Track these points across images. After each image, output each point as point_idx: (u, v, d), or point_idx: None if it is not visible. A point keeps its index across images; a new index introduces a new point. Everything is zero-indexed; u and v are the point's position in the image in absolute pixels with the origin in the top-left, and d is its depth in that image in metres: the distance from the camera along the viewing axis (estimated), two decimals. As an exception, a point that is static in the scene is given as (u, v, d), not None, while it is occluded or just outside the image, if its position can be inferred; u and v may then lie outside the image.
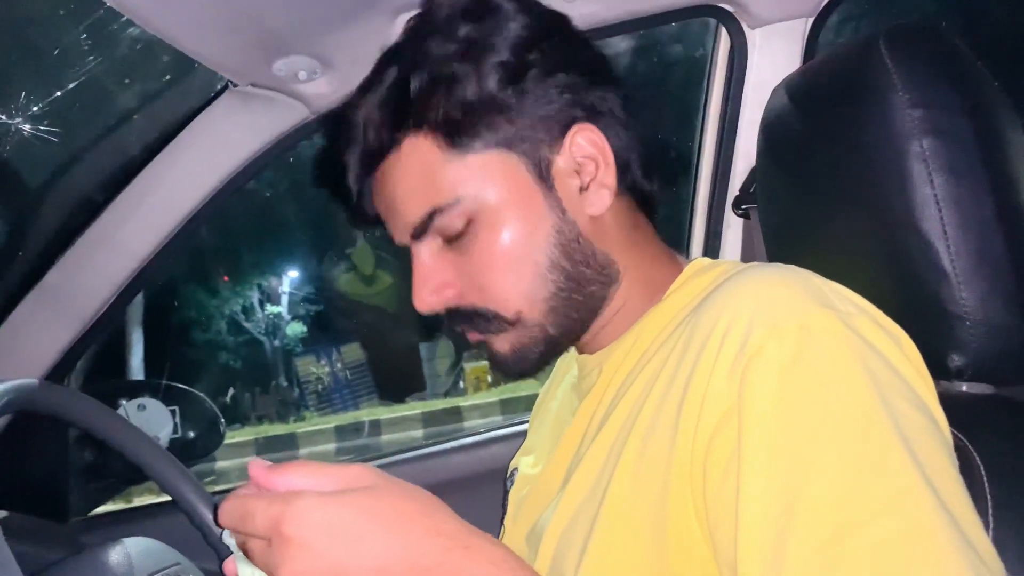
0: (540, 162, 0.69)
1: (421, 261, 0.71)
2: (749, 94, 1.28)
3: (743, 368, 0.54)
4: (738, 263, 0.72)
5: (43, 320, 1.21)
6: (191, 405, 1.37)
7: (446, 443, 1.45)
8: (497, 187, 0.68)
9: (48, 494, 1.29)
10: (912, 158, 0.67)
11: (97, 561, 0.74)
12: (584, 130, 0.70)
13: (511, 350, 0.72)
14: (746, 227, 1.32)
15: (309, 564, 0.47)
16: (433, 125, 0.68)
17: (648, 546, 0.58)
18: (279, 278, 12.09)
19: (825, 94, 0.79)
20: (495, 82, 0.68)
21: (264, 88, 1.10)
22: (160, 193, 1.18)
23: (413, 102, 0.68)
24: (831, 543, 0.47)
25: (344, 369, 11.47)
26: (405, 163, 0.70)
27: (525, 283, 0.69)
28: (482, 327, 0.71)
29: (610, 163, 0.70)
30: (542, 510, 0.73)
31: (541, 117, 0.69)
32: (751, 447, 0.52)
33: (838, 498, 0.49)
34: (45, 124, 1.25)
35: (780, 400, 0.52)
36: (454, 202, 0.68)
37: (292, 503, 0.47)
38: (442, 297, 0.71)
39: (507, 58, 0.68)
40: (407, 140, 0.69)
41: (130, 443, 0.92)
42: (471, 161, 0.68)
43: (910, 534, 0.47)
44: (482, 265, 0.69)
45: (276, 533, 0.47)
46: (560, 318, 0.70)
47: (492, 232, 0.68)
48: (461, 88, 0.67)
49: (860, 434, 0.51)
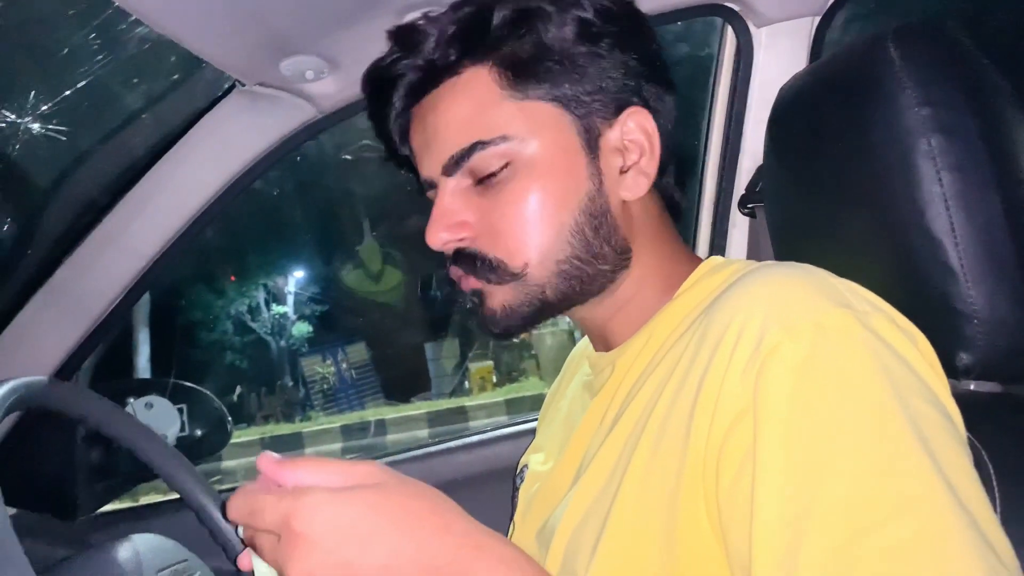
0: (591, 129, 0.69)
1: (445, 196, 0.71)
2: (755, 93, 1.28)
3: (758, 367, 0.54)
4: (751, 262, 0.71)
5: (51, 319, 1.22)
6: (199, 403, 1.38)
7: (452, 442, 1.45)
8: (544, 139, 0.68)
9: (56, 492, 1.29)
10: (920, 156, 0.67)
11: (106, 558, 0.74)
12: (639, 114, 0.70)
13: (501, 305, 0.71)
14: (752, 226, 1.32)
15: (318, 561, 0.47)
16: (500, 59, 0.68)
17: (659, 545, 0.58)
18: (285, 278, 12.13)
19: (832, 93, 0.78)
20: (572, 35, 0.68)
21: (271, 88, 1.10)
22: (167, 193, 1.19)
23: (490, 31, 0.68)
24: (847, 545, 0.47)
25: (350, 369, 11.48)
26: (461, 91, 0.69)
27: (544, 239, 0.68)
28: (483, 275, 0.70)
29: (656, 153, 0.70)
30: (553, 508, 0.73)
31: (603, 88, 0.69)
32: (766, 447, 0.52)
33: (854, 499, 0.48)
34: (54, 123, 1.25)
35: (795, 400, 0.52)
36: (499, 139, 0.68)
37: (301, 499, 0.47)
38: (455, 236, 0.71)
39: (590, 16, 0.68)
40: (470, 68, 0.69)
41: (139, 441, 0.93)
42: (526, 106, 0.68)
43: (927, 535, 0.47)
44: (507, 211, 0.68)
45: (286, 529, 0.47)
46: (563, 283, 0.70)
47: (526, 181, 0.68)
48: (539, 31, 0.68)
49: (876, 434, 0.50)
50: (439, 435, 1.58)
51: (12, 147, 1.27)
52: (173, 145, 1.17)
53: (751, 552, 0.51)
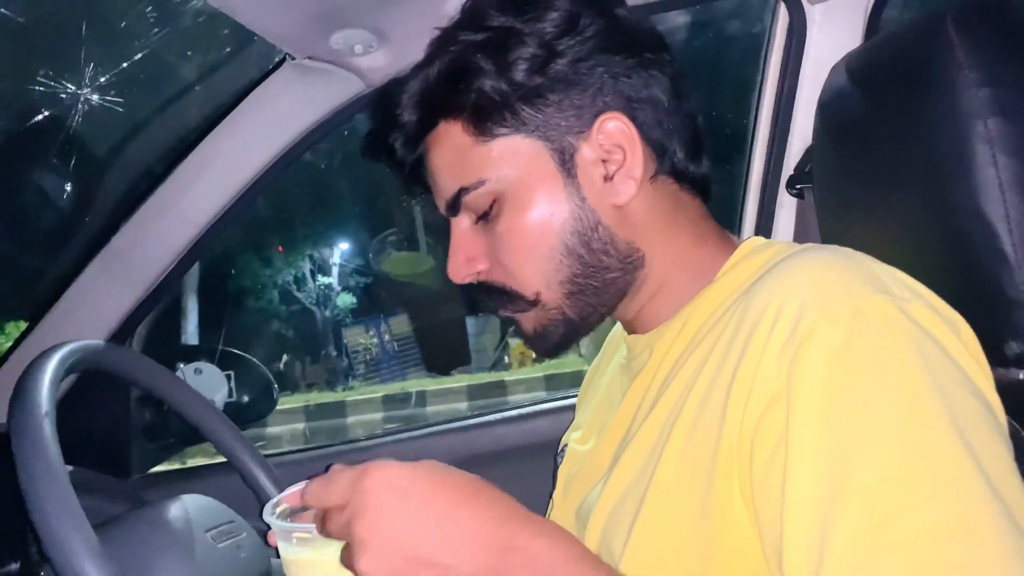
0: (564, 150, 0.70)
1: (455, 234, 0.75)
2: (807, 72, 1.25)
3: (794, 351, 0.54)
4: (792, 244, 0.71)
5: (107, 285, 1.26)
6: (246, 370, 1.41)
7: (491, 415, 1.47)
8: (519, 172, 0.70)
9: (111, 451, 1.34)
10: (976, 139, 0.65)
11: (158, 515, 0.78)
12: (613, 119, 0.70)
13: (533, 330, 0.75)
14: (799, 207, 1.30)
15: (382, 516, 0.51)
16: (460, 112, 0.71)
17: (694, 525, 0.59)
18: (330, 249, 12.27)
19: (887, 72, 0.77)
20: (521, 72, 0.69)
21: (321, 61, 1.11)
22: (219, 163, 1.21)
23: (440, 91, 0.71)
24: (878, 528, 0.47)
25: (392, 341, 11.61)
26: (440, 144, 0.73)
27: (541, 265, 0.71)
28: (505, 305, 0.74)
29: (637, 153, 0.70)
30: (591, 487, 0.74)
31: (570, 105, 0.70)
32: (799, 430, 0.52)
33: (886, 483, 0.48)
34: (111, 95, 1.28)
35: (830, 384, 0.52)
36: (478, 183, 0.71)
37: (371, 466, 0.53)
38: (472, 269, 0.74)
39: (535, 50, 0.69)
40: (441, 124, 0.72)
41: (188, 405, 0.96)
42: (496, 146, 0.70)
43: (959, 521, 0.46)
44: (504, 244, 0.71)
45: (355, 488, 0.52)
46: (578, 302, 0.72)
47: (512, 213, 0.70)
48: (480, 80, 0.69)
49: (911, 419, 0.50)
50: (478, 408, 1.59)
51: (73, 117, 1.30)
52: (226, 117, 1.19)
53: (782, 533, 0.51)
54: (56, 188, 1.37)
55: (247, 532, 0.84)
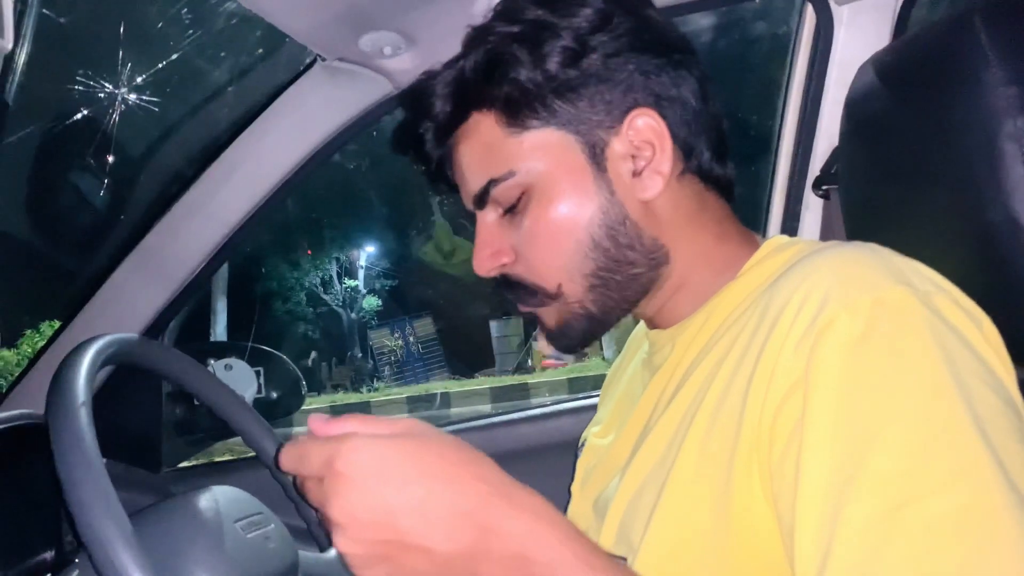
0: (595, 144, 0.71)
1: (482, 228, 0.76)
2: (834, 73, 1.25)
3: (813, 340, 0.54)
4: (816, 242, 0.71)
5: (140, 281, 1.28)
6: (275, 367, 1.43)
7: (515, 414, 1.47)
8: (549, 164, 0.71)
9: (143, 445, 1.37)
10: (1005, 138, 0.65)
11: (188, 505, 0.79)
12: (643, 115, 0.71)
13: (555, 324, 0.75)
14: (825, 208, 1.29)
15: (356, 499, 0.50)
16: (493, 103, 0.72)
17: (713, 518, 0.59)
18: (357, 252, 12.36)
19: (915, 71, 0.76)
20: (555, 64, 0.70)
21: (350, 63, 1.13)
22: (250, 164, 1.23)
23: (474, 82, 0.72)
24: (888, 514, 0.47)
25: (417, 343, 11.67)
26: (472, 135, 0.73)
27: (566, 258, 0.71)
28: (527, 301, 0.75)
29: (667, 150, 0.71)
30: (609, 480, 0.74)
31: (602, 100, 0.70)
32: (815, 417, 0.52)
33: (899, 470, 0.48)
34: (147, 95, 1.31)
35: (848, 372, 0.52)
36: (508, 175, 0.71)
37: (345, 442, 0.51)
38: (497, 263, 0.75)
39: (569, 43, 0.70)
40: (473, 116, 0.73)
41: (219, 400, 0.97)
42: (527, 138, 0.71)
43: (971, 510, 0.46)
44: (530, 237, 0.72)
45: (328, 470, 0.51)
46: (600, 296, 0.72)
47: (541, 206, 0.71)
48: (516, 70, 0.70)
49: (928, 409, 0.50)
50: (502, 410, 1.60)
51: (110, 117, 1.33)
52: (256, 118, 1.21)
53: (794, 518, 0.52)
54: (92, 187, 1.40)
55: (275, 524, 0.85)
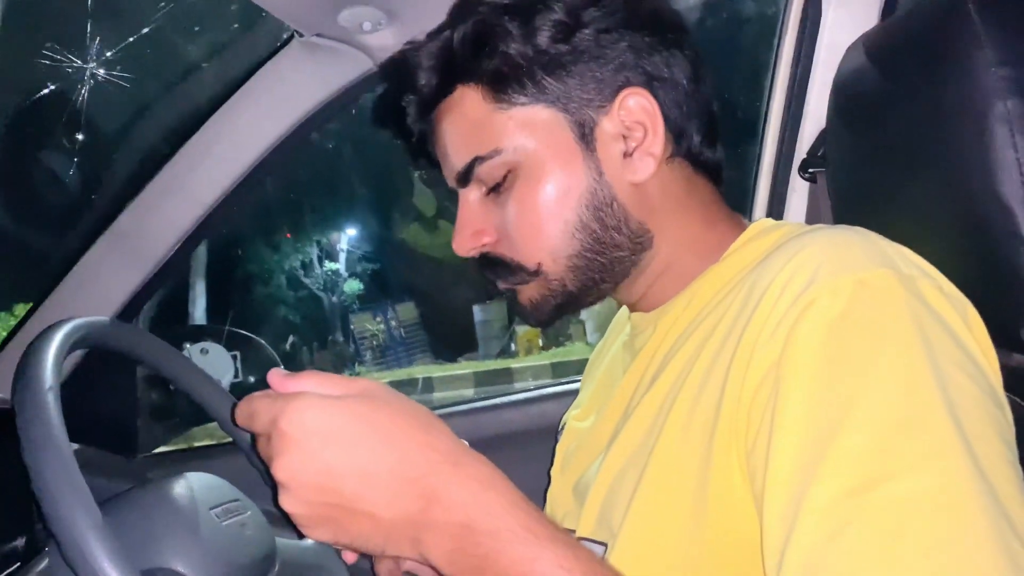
0: (585, 123, 0.69)
1: (464, 206, 0.74)
2: (822, 54, 1.23)
3: (793, 320, 0.53)
4: (802, 225, 0.70)
5: (113, 263, 1.26)
6: (253, 351, 1.41)
7: (498, 398, 1.46)
8: (536, 142, 0.69)
9: (117, 431, 1.34)
10: (995, 119, 0.64)
11: (163, 492, 0.77)
12: (635, 95, 0.69)
13: (529, 300, 0.74)
14: (811, 191, 1.29)
15: (299, 461, 0.49)
16: (480, 77, 0.70)
17: (691, 501, 0.58)
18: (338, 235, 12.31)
19: (904, 52, 0.75)
20: (545, 39, 0.68)
21: (329, 39, 1.11)
22: (226, 142, 1.21)
23: (462, 54, 0.70)
24: (854, 493, 0.47)
25: (399, 327, 11.66)
26: (456, 110, 0.71)
27: (551, 239, 0.70)
28: (506, 278, 0.73)
29: (659, 131, 0.69)
30: (590, 463, 0.74)
31: (592, 77, 0.69)
32: (788, 395, 0.52)
33: (868, 450, 0.48)
34: (118, 70, 1.27)
35: (823, 351, 0.52)
36: (493, 153, 0.69)
37: (292, 402, 0.50)
38: (478, 243, 0.73)
39: (561, 16, 0.68)
40: (458, 90, 0.71)
41: (194, 384, 0.95)
42: (515, 114, 0.69)
43: (937, 494, 0.46)
44: (514, 216, 0.70)
45: (274, 429, 0.50)
46: (581, 276, 0.71)
47: (526, 186, 0.69)
48: (506, 43, 0.68)
49: (901, 392, 0.49)
50: (485, 395, 1.59)
51: (79, 93, 1.30)
52: (233, 94, 1.18)
53: (764, 496, 0.51)
54: (62, 166, 1.36)
55: (252, 511, 0.84)
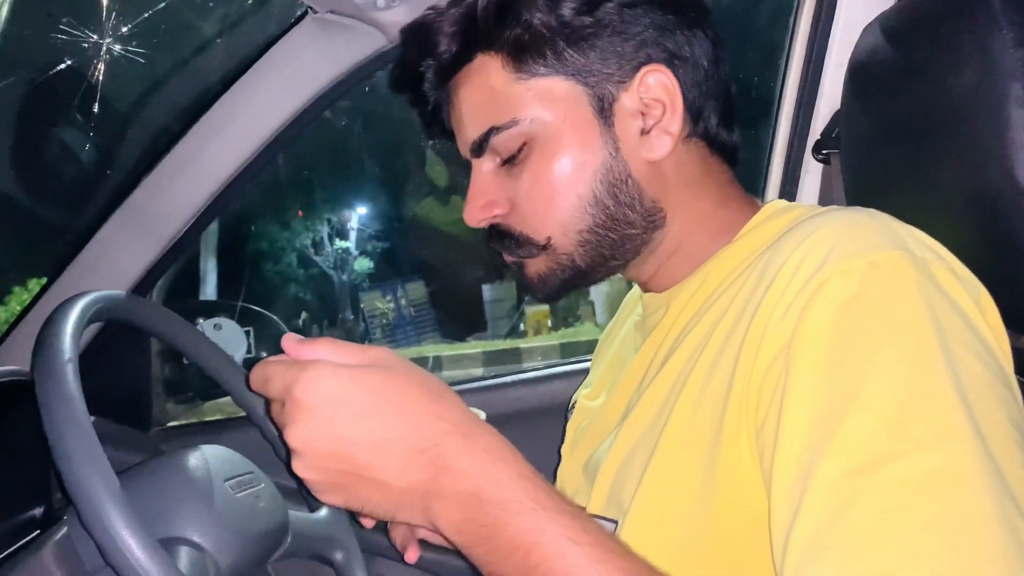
0: (604, 97, 0.69)
1: (476, 177, 0.74)
2: (837, 35, 1.22)
3: (805, 301, 0.54)
4: (815, 206, 0.70)
5: (128, 238, 1.26)
6: (265, 327, 1.42)
7: (508, 376, 1.47)
8: (555, 115, 0.69)
9: (132, 404, 1.36)
10: (1012, 102, 0.64)
11: (178, 463, 0.78)
12: (656, 72, 0.69)
13: (536, 274, 0.74)
14: (825, 173, 1.28)
15: (312, 429, 0.50)
16: (501, 46, 0.69)
17: (701, 480, 0.59)
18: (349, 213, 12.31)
19: (921, 32, 0.75)
20: (569, 11, 0.68)
21: (343, 15, 1.10)
22: (240, 118, 1.21)
23: (484, 21, 0.69)
24: (861, 471, 0.47)
25: (408, 306, 11.68)
26: (475, 78, 0.71)
27: (563, 213, 0.69)
28: (513, 250, 0.73)
29: (678, 110, 0.69)
30: (600, 442, 0.74)
31: (614, 52, 0.68)
32: (799, 374, 0.52)
33: (876, 430, 0.48)
34: (133, 45, 1.27)
35: (834, 331, 0.52)
36: (511, 123, 0.69)
37: (307, 369, 0.51)
38: (488, 214, 0.73)
39: None
40: (478, 58, 0.71)
41: (208, 358, 0.96)
42: (534, 85, 0.69)
43: (944, 473, 0.46)
44: (528, 189, 0.70)
45: (288, 396, 0.50)
46: (591, 251, 0.71)
47: (542, 158, 0.69)
48: (529, 12, 0.68)
49: (911, 373, 0.49)
50: (494, 374, 1.60)
51: (95, 68, 1.30)
52: (246, 72, 1.18)
53: (772, 474, 0.51)
54: (76, 141, 1.37)
55: (265, 483, 0.85)
